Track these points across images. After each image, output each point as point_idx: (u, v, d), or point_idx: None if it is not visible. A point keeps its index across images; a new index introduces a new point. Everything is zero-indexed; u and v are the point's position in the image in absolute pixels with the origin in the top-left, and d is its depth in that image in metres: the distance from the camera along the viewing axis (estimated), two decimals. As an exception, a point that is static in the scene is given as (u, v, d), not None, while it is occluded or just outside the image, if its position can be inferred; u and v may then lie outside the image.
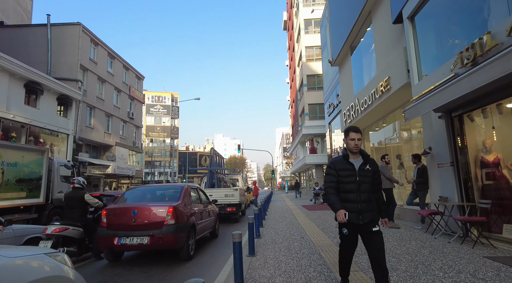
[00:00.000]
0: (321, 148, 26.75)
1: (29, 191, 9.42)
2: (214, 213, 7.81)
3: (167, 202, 5.55)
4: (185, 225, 5.40)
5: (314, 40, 27.46)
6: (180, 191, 6.08)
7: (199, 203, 6.86)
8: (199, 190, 7.38)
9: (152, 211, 5.22)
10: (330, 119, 18.00)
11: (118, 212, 5.28)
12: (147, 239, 4.98)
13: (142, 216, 5.16)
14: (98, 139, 24.73)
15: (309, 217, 10.91)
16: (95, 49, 24.87)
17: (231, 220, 11.58)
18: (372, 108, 9.14)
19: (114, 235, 5.05)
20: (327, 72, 18.61)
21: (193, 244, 5.76)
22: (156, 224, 5.09)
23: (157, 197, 6.23)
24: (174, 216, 5.18)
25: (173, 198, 5.85)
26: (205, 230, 6.92)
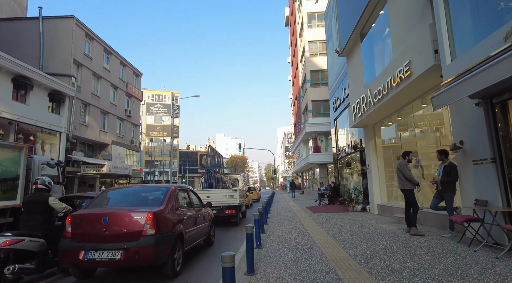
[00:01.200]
0: (325, 146, 25.72)
1: (3, 192, 8.48)
2: (208, 218, 6.88)
3: (147, 207, 4.62)
4: (169, 235, 4.50)
5: (318, 34, 26.42)
6: (165, 193, 5.12)
7: (189, 207, 5.94)
8: (190, 192, 6.47)
9: (127, 218, 4.29)
10: (336, 116, 16.97)
11: (86, 219, 4.35)
12: (121, 253, 4.06)
13: (115, 224, 4.24)
14: (93, 138, 23.83)
15: (315, 220, 9.90)
16: (90, 44, 23.95)
17: (231, 223, 10.76)
18: (387, 99, 8.12)
19: (80, 248, 4.13)
20: (332, 65, 17.59)
21: (180, 257, 4.83)
22: (132, 234, 4.16)
23: (137, 201, 5.26)
24: (155, 224, 4.26)
25: (155, 202, 4.91)
26: (197, 239, 5.98)
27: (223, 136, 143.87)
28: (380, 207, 10.84)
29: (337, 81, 16.41)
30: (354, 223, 8.80)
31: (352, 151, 13.87)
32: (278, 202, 21.14)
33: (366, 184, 12.12)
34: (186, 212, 5.52)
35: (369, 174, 11.59)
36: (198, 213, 6.15)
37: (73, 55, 21.13)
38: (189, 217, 5.52)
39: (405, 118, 9.56)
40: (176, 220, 4.86)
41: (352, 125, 11.66)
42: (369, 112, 9.57)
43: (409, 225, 6.59)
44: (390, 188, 10.96)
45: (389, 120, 10.34)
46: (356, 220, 9.50)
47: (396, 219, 8.45)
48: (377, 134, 11.34)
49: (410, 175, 6.57)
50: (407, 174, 6.58)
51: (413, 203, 6.49)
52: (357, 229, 7.72)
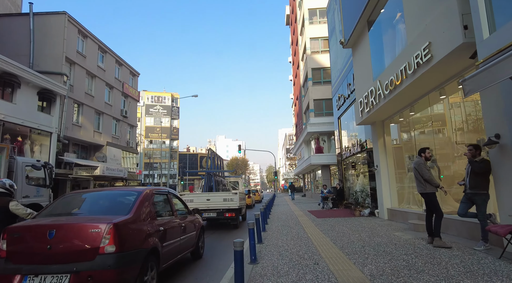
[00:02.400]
0: (327, 147, 24.75)
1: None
2: (195, 227, 5.87)
3: (109, 216, 3.64)
4: (136, 252, 3.54)
5: (319, 31, 25.54)
6: (135, 199, 4.14)
7: (169, 215, 4.96)
8: (172, 197, 5.43)
9: (80, 231, 3.35)
10: (340, 114, 16.02)
11: (26, 233, 3.42)
12: (69, 278, 3.12)
13: (64, 239, 3.30)
14: (87, 139, 22.95)
15: (320, 227, 8.92)
16: (83, 41, 23.14)
17: (230, 226, 10.52)
18: (400, 90, 7.17)
19: (16, 271, 3.18)
20: (336, 61, 16.66)
21: (154, 279, 3.89)
22: (85, 252, 3.24)
23: (99, 208, 4.26)
24: (117, 239, 3.31)
25: (121, 210, 3.92)
26: (180, 252, 5.04)
27: (224, 138, 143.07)
28: (390, 212, 9.85)
29: (340, 77, 15.47)
30: (364, 230, 7.82)
31: (358, 150, 12.90)
32: (279, 206, 20.15)
33: (374, 186, 11.15)
34: (165, 221, 4.59)
35: (377, 175, 10.62)
36: (182, 222, 5.20)
37: (65, 53, 20.30)
38: (169, 227, 4.59)
39: (419, 113, 8.60)
40: (149, 232, 3.91)
41: (359, 122, 10.71)
42: (379, 107, 8.62)
43: (431, 235, 5.62)
44: (401, 190, 9.98)
45: (400, 116, 9.38)
46: (365, 227, 8.51)
47: (411, 225, 7.46)
48: (386, 132, 10.38)
49: (429, 176, 5.61)
50: (426, 174, 5.61)
51: (436, 209, 5.52)
52: (368, 237, 6.74)
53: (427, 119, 8.30)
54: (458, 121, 7.46)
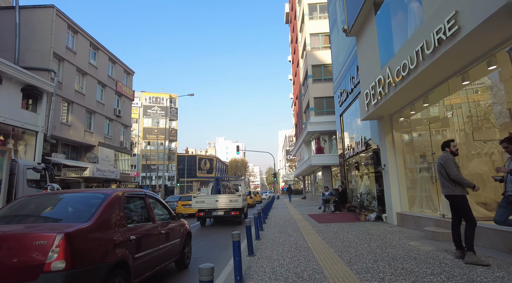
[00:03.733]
0: (328, 147, 23.70)
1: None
2: (180, 233, 5.25)
3: (62, 224, 3.15)
4: (94, 268, 2.92)
5: (320, 27, 24.59)
6: (100, 203, 3.52)
7: (145, 221, 4.32)
8: (149, 199, 4.70)
9: (21, 244, 2.74)
10: (342, 111, 14.99)
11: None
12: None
13: (2, 253, 2.73)
14: (77, 139, 21.92)
15: (321, 234, 7.86)
16: (74, 37, 22.18)
17: (235, 222, 12.78)
18: (415, 75, 6.15)
19: None
20: (337, 55, 15.67)
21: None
22: (25, 270, 2.65)
23: (54, 214, 3.59)
24: (68, 253, 2.69)
25: (80, 217, 3.33)
26: (160, 263, 4.44)
27: (224, 140, 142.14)
28: (400, 216, 8.79)
29: (343, 71, 14.46)
30: (373, 239, 6.77)
31: (363, 149, 11.86)
32: (278, 209, 19.08)
33: (380, 188, 10.10)
34: (140, 228, 4.00)
35: (385, 175, 9.57)
36: (162, 228, 4.61)
37: (52, 48, 19.33)
38: (144, 235, 4.00)
39: (435, 105, 7.57)
40: (115, 243, 3.32)
41: (364, 117, 9.67)
42: (388, 98, 7.59)
43: (460, 248, 4.57)
44: (412, 192, 8.94)
45: (412, 109, 8.34)
46: (373, 234, 7.46)
47: (428, 234, 6.40)
48: (395, 127, 9.34)
49: (459, 175, 4.56)
50: (454, 173, 4.56)
51: (468, 215, 4.46)
52: (380, 249, 5.69)
53: (444, 112, 7.26)
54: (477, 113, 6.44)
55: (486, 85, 6.29)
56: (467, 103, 6.70)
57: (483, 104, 6.51)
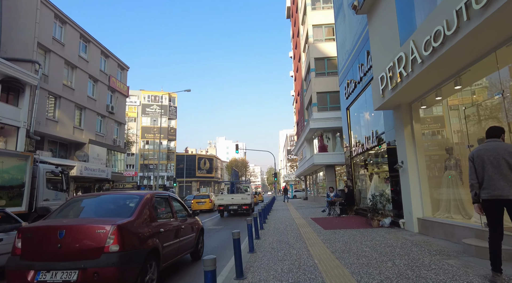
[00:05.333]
0: (332, 145, 22.31)
1: (9, 199, 8.84)
2: (195, 229, 6.13)
3: (113, 219, 3.92)
4: (138, 251, 3.81)
5: (323, 18, 23.22)
6: (137, 202, 4.43)
7: (169, 218, 5.24)
8: (172, 200, 5.67)
9: (87, 232, 3.63)
10: (349, 103, 13.61)
11: (38, 234, 3.72)
12: (77, 274, 3.41)
13: (73, 239, 3.58)
14: (65, 135, 20.59)
15: (329, 245, 6.49)
16: (62, 28, 20.88)
17: (244, 215, 16.77)
18: (453, 44, 4.78)
19: (30, 267, 3.51)
20: (343, 42, 14.29)
21: (154, 278, 4.08)
22: (92, 251, 3.52)
23: (104, 211, 4.50)
24: (120, 239, 3.58)
25: (124, 213, 4.19)
26: (180, 253, 5.36)
27: (224, 140, 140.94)
28: (422, 223, 7.41)
29: (350, 60, 13.09)
30: (396, 253, 5.39)
31: (374, 144, 10.48)
32: (278, 211, 17.71)
33: (397, 189, 8.72)
34: (166, 223, 4.91)
35: (402, 174, 8.19)
36: (182, 224, 5.49)
37: (37, 38, 18.02)
38: (169, 229, 4.90)
39: (471, 86, 6.19)
40: (150, 233, 4.20)
41: (378, 106, 8.30)
42: (411, 79, 6.21)
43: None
44: (436, 194, 7.56)
45: (438, 94, 6.95)
46: (393, 246, 6.08)
47: (470, 248, 4.99)
48: (415, 118, 7.96)
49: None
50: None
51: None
52: (410, 270, 4.32)
53: (486, 93, 5.88)
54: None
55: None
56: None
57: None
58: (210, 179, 74.85)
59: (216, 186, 79.06)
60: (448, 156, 7.18)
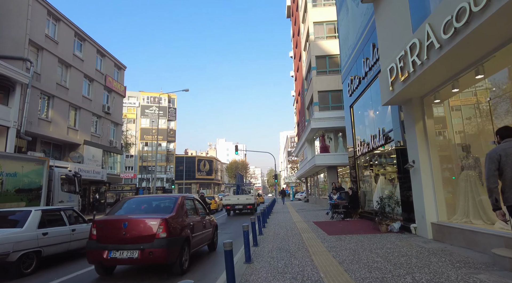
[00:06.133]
0: (334, 145, 21.63)
1: (28, 201, 9.38)
2: (211, 225, 7.32)
3: (159, 214, 5.32)
4: (178, 238, 5.19)
5: (324, 15, 22.62)
6: (174, 202, 5.81)
7: (195, 215, 6.49)
8: (196, 201, 6.98)
9: (143, 224, 5.01)
10: (352, 101, 12.95)
11: (108, 224, 5.16)
12: (138, 253, 4.81)
13: (133, 228, 4.96)
14: (58, 136, 19.94)
15: (336, 254, 5.80)
16: (55, 25, 20.29)
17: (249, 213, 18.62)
18: (481, 22, 4.12)
19: (104, 248, 4.92)
20: (346, 37, 13.65)
21: (187, 258, 5.50)
22: (147, 237, 4.89)
23: (151, 208, 5.94)
24: (166, 229, 4.97)
25: (166, 210, 5.62)
26: (202, 243, 6.57)
27: (224, 142, 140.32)
28: (438, 228, 6.71)
29: (354, 55, 12.44)
30: (413, 265, 4.70)
31: (381, 143, 9.79)
32: (278, 214, 17.00)
33: (407, 191, 8.04)
34: (192, 218, 6.13)
35: (414, 175, 7.51)
36: (203, 220, 6.67)
37: (28, 35, 17.42)
38: (195, 223, 6.10)
39: (494, 76, 5.52)
40: (184, 226, 5.54)
41: (387, 101, 7.63)
42: (427, 67, 5.55)
43: None
44: (452, 197, 6.87)
45: (455, 85, 6.28)
46: (408, 255, 5.39)
47: (502, 261, 4.28)
48: (427, 113, 7.29)
49: None
50: None
51: None
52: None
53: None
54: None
55: None
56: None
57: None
58: (210, 180, 74.12)
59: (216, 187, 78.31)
60: (465, 154, 6.51)
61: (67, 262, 6.76)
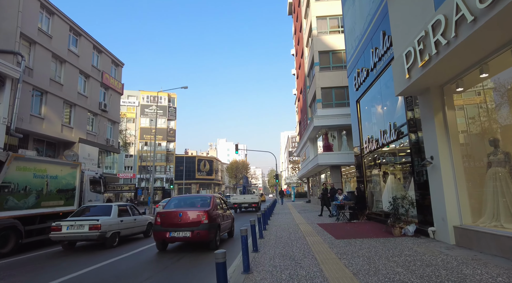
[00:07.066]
0: (338, 144, 20.85)
1: (66, 200, 10.58)
2: (230, 217, 9.55)
3: (202, 208, 7.71)
4: (214, 224, 7.48)
5: (327, 9, 21.87)
6: (210, 199, 8.23)
7: (221, 209, 8.60)
8: (222, 199, 9.43)
9: (192, 214, 7.35)
10: (359, 95, 12.18)
11: (168, 214, 7.44)
12: (189, 233, 7.12)
13: (186, 217, 7.32)
14: (52, 134, 19.21)
15: (349, 263, 5.03)
16: (49, 19, 19.58)
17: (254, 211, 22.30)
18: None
19: (166, 230, 7.22)
20: (353, 27, 12.89)
21: (219, 238, 7.75)
22: (195, 223, 7.23)
23: (195, 204, 8.22)
24: (208, 217, 7.30)
25: (205, 205, 7.94)
26: (226, 229, 8.88)
27: (225, 142, 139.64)
28: (462, 233, 5.94)
29: (361, 46, 11.68)
30: (444, 279, 3.94)
31: (393, 139, 9.01)
32: (280, 215, 16.23)
33: (422, 190, 7.26)
34: (220, 212, 8.37)
35: (432, 173, 6.74)
36: (225, 213, 9.00)
37: (19, 28, 16.70)
38: (223, 215, 8.51)
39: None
40: (217, 216, 7.84)
41: (402, 91, 6.86)
42: (455, 46, 4.77)
43: None
44: (477, 197, 6.10)
45: (484, 69, 5.51)
46: (433, 264, 4.62)
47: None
48: (448, 104, 6.52)
49: None
50: None
51: None
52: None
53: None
54: None
55: None
56: None
57: None
58: (210, 181, 73.33)
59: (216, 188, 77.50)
60: (494, 149, 5.74)
61: (132, 242, 9.67)
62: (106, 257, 7.21)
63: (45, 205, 9.67)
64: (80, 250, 8.36)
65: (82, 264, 6.50)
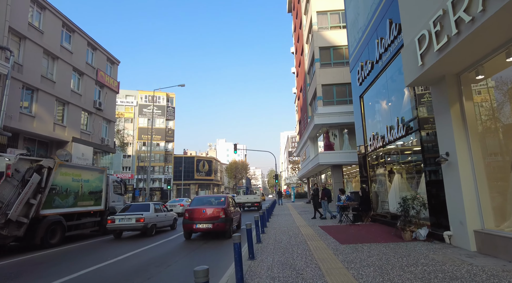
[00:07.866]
0: (339, 143, 20.18)
1: (95, 200, 12.16)
2: (239, 213, 11.94)
3: (219, 205, 9.79)
4: (228, 218, 9.48)
5: (328, 4, 21.22)
6: (225, 199, 10.40)
7: (232, 207, 10.67)
8: (233, 199, 11.38)
9: (213, 210, 9.35)
10: (363, 90, 11.53)
11: (194, 210, 9.40)
12: (211, 225, 9.14)
13: (208, 213, 9.32)
14: (43, 132, 18.50)
15: (356, 273, 4.37)
16: (40, 14, 18.90)
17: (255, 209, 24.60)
18: None
19: (193, 223, 9.24)
20: (356, 19, 12.23)
21: (232, 229, 9.91)
22: (215, 217, 9.24)
23: (213, 202, 10.31)
24: (224, 213, 9.34)
25: (222, 203, 10.06)
26: (236, 222, 10.95)
27: (224, 142, 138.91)
28: (484, 238, 5.27)
29: (364, 38, 11.02)
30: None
31: (401, 135, 8.34)
32: (279, 216, 15.55)
33: (436, 190, 6.60)
34: (233, 209, 10.57)
35: (448, 170, 6.08)
36: (235, 210, 11.00)
37: (8, 22, 16.03)
38: (234, 212, 10.56)
39: None
40: (230, 212, 9.89)
41: (413, 80, 6.20)
42: (484, 21, 4.11)
43: None
44: (501, 197, 5.43)
45: (509, 54, 4.84)
46: (458, 277, 3.97)
47: None
48: (466, 94, 5.86)
49: None
50: None
51: None
52: None
53: None
54: None
55: None
56: None
57: None
58: (209, 181, 72.60)
59: (215, 188, 76.79)
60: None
61: (162, 233, 11.72)
62: (146, 243, 9.27)
63: (80, 204, 11.20)
64: (125, 239, 10.43)
65: (129, 248, 8.37)
